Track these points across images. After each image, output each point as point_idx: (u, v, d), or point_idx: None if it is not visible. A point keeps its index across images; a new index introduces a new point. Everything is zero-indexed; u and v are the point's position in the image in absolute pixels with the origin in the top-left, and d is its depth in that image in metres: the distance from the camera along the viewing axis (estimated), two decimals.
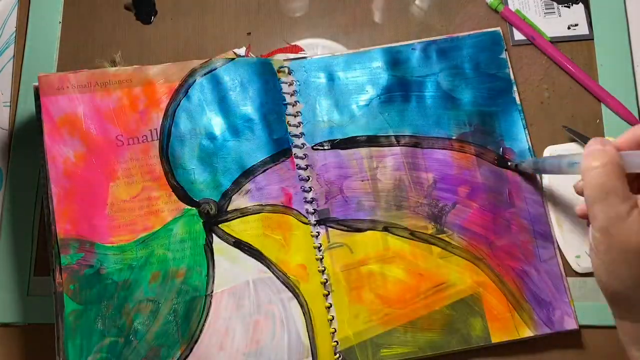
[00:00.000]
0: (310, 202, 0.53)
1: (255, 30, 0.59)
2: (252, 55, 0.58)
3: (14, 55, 0.58)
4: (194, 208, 0.51)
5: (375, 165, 0.54)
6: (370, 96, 0.56)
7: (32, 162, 0.55)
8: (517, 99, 0.56)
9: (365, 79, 0.56)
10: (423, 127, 0.55)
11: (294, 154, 0.53)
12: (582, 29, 0.59)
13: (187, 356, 0.48)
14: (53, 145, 0.50)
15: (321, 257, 0.52)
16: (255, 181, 0.52)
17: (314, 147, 0.54)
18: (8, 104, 0.57)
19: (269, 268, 0.50)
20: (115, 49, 0.58)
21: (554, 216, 0.54)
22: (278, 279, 0.50)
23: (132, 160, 0.52)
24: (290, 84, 0.55)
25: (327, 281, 0.51)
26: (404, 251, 0.52)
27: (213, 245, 0.51)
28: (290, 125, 0.54)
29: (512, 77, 0.56)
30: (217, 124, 0.53)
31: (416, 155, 0.54)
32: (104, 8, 0.60)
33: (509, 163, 0.54)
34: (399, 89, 0.56)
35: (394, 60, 0.56)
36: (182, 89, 0.53)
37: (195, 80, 0.54)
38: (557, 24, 0.59)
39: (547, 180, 0.55)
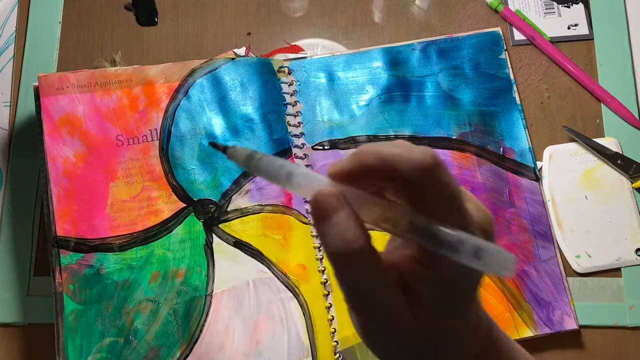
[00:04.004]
0: None
1: (255, 30, 0.59)
2: (252, 55, 0.58)
3: (14, 55, 0.58)
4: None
5: None
6: (370, 96, 0.56)
7: (32, 162, 0.55)
8: (517, 99, 0.56)
9: (365, 79, 0.56)
10: (423, 127, 0.55)
11: (294, 154, 0.53)
12: (582, 29, 0.59)
13: (187, 356, 0.48)
14: (53, 145, 0.50)
15: (321, 257, 0.52)
16: (255, 181, 0.52)
17: (314, 147, 0.54)
18: (8, 104, 0.57)
19: (269, 268, 0.50)
20: (115, 49, 0.58)
21: (554, 216, 0.54)
22: (278, 279, 0.50)
23: (132, 160, 0.52)
24: (290, 84, 0.55)
25: (327, 281, 0.51)
26: None
27: (213, 245, 0.51)
28: (290, 125, 0.54)
29: (512, 77, 0.56)
30: (217, 124, 0.53)
31: None
32: (104, 8, 0.60)
33: (216, 144, 0.32)
34: (399, 88, 0.56)
35: (394, 60, 0.56)
36: (182, 89, 0.53)
37: (195, 80, 0.54)
38: (557, 24, 0.59)
39: (547, 180, 0.55)
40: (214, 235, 0.51)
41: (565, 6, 0.59)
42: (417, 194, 0.25)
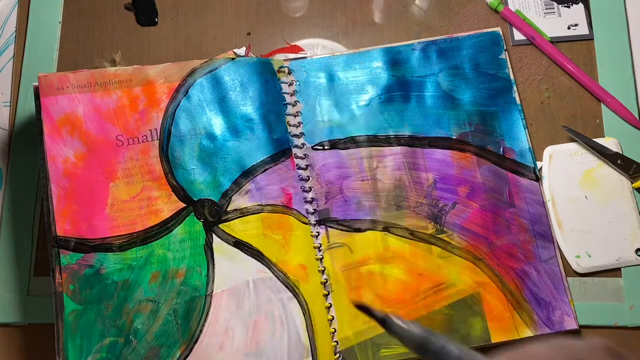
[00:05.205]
0: (310, 202, 0.53)
1: (255, 30, 0.59)
2: (252, 55, 0.58)
3: (14, 55, 0.58)
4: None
5: (375, 165, 0.54)
6: (370, 96, 0.56)
7: (32, 162, 0.55)
8: (517, 99, 0.56)
9: (365, 79, 0.56)
10: (423, 127, 0.55)
11: (294, 154, 0.53)
12: (582, 29, 0.59)
13: (187, 356, 0.48)
14: (53, 145, 0.50)
15: (321, 257, 0.52)
16: (255, 181, 0.52)
17: (314, 147, 0.54)
18: (8, 104, 0.57)
19: (269, 268, 0.50)
20: (115, 49, 0.58)
21: (554, 216, 0.54)
22: (278, 279, 0.50)
23: (132, 160, 0.52)
24: (290, 84, 0.55)
25: (327, 281, 0.51)
26: (403, 251, 0.52)
27: (213, 245, 0.51)
28: (290, 125, 0.54)
29: (512, 77, 0.56)
30: (217, 124, 0.53)
31: (416, 155, 0.54)
32: (104, 8, 0.60)
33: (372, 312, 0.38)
34: (399, 88, 0.56)
35: (394, 60, 0.56)
36: (182, 89, 0.53)
37: (195, 80, 0.54)
38: (557, 24, 0.59)
39: (547, 180, 0.55)
40: (213, 235, 0.51)
41: (565, 6, 0.59)
42: None
